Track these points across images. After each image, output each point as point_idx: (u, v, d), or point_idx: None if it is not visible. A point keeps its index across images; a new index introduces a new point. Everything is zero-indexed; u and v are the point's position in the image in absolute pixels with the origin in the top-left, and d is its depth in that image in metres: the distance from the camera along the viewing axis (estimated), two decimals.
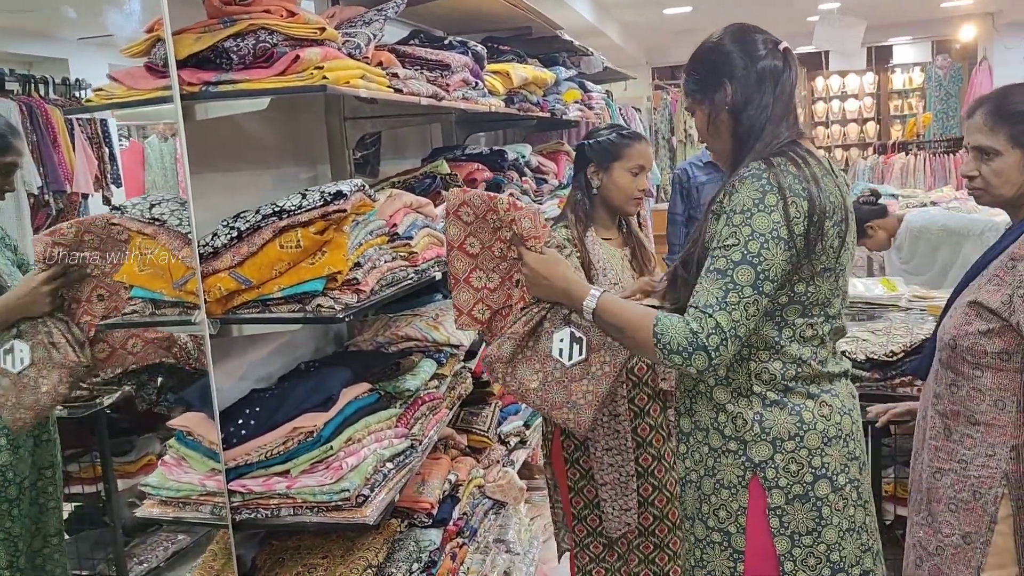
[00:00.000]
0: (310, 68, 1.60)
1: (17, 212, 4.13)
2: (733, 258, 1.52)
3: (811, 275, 1.58)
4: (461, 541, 2.31)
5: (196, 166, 1.69)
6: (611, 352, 1.69)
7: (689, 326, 1.51)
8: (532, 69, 3.17)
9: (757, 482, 1.64)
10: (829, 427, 1.64)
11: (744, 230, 1.52)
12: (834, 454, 1.64)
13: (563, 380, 1.71)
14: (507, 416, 2.91)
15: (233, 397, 1.87)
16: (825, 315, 1.63)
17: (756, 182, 1.54)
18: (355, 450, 1.76)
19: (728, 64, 1.66)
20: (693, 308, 1.53)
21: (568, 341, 1.69)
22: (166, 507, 1.75)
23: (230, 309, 1.68)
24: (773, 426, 1.63)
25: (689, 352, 1.50)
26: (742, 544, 1.66)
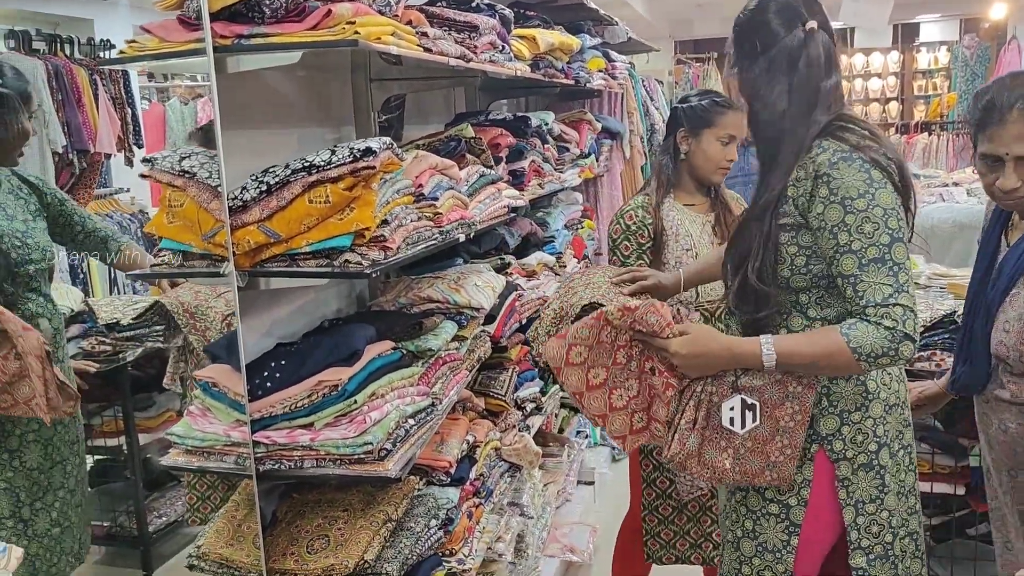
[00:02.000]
0: (342, 23, 1.60)
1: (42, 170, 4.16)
2: (882, 241, 1.51)
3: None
4: (477, 501, 2.34)
5: (225, 122, 1.70)
6: (797, 401, 1.62)
7: (882, 324, 1.49)
8: (558, 35, 3.16)
9: (823, 455, 1.66)
10: (890, 395, 1.68)
11: (875, 212, 1.52)
12: (892, 421, 1.69)
13: (755, 447, 1.66)
14: (524, 382, 2.93)
15: (258, 351, 1.89)
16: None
17: (851, 163, 1.54)
18: (378, 405, 1.78)
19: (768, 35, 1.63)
20: (873, 307, 1.51)
21: (739, 409, 1.64)
22: (191, 456, 1.78)
23: (258, 262, 1.69)
24: (840, 398, 1.65)
25: (895, 348, 1.49)
26: (800, 517, 1.68)
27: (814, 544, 1.70)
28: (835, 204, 1.54)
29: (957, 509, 2.62)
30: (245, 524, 1.88)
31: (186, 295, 2.48)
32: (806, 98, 1.61)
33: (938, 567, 2.70)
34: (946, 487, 2.51)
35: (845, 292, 1.57)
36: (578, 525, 3.46)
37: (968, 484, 2.51)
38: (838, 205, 1.53)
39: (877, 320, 1.50)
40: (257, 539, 1.81)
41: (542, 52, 2.95)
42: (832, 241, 1.55)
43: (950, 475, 2.50)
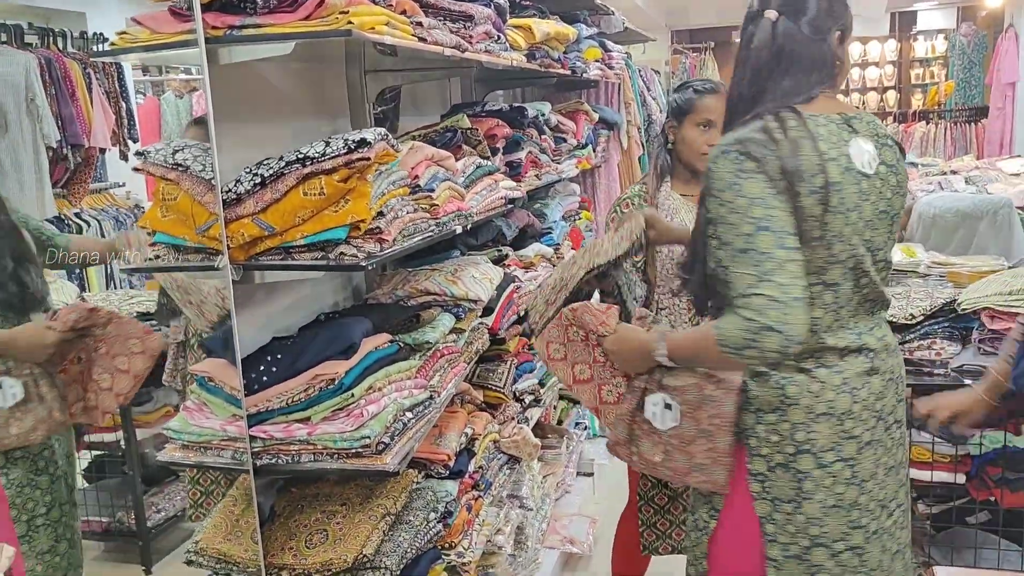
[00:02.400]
0: (335, 13, 1.58)
1: (36, 165, 4.14)
2: (745, 231, 1.47)
3: (804, 241, 1.52)
4: (477, 494, 2.34)
5: (218, 115, 1.69)
6: (714, 404, 1.62)
7: (741, 315, 1.45)
8: (554, 24, 3.14)
9: (740, 448, 1.65)
10: (817, 404, 1.59)
11: (740, 202, 1.49)
12: (822, 431, 1.59)
13: (681, 446, 1.67)
14: (522, 374, 2.92)
15: (254, 345, 1.88)
16: (823, 283, 1.56)
17: (726, 156, 1.53)
18: (376, 399, 1.77)
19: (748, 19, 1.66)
20: (737, 296, 1.46)
21: (660, 407, 1.67)
22: (188, 451, 1.77)
23: (253, 256, 1.68)
24: (755, 398, 1.62)
25: (756, 340, 1.43)
26: (720, 504, 1.70)
27: (728, 530, 1.70)
28: (713, 197, 1.53)
29: (957, 497, 2.62)
30: (243, 519, 1.87)
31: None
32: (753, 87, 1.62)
33: (938, 555, 2.70)
34: (946, 475, 2.51)
35: (719, 283, 1.55)
36: (577, 516, 3.46)
37: (968, 472, 2.50)
38: (715, 198, 1.53)
39: (738, 310, 1.46)
40: (255, 534, 1.80)
41: (538, 42, 2.93)
42: (712, 232, 1.54)
43: (950, 463, 2.50)
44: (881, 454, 1.65)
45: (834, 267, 1.56)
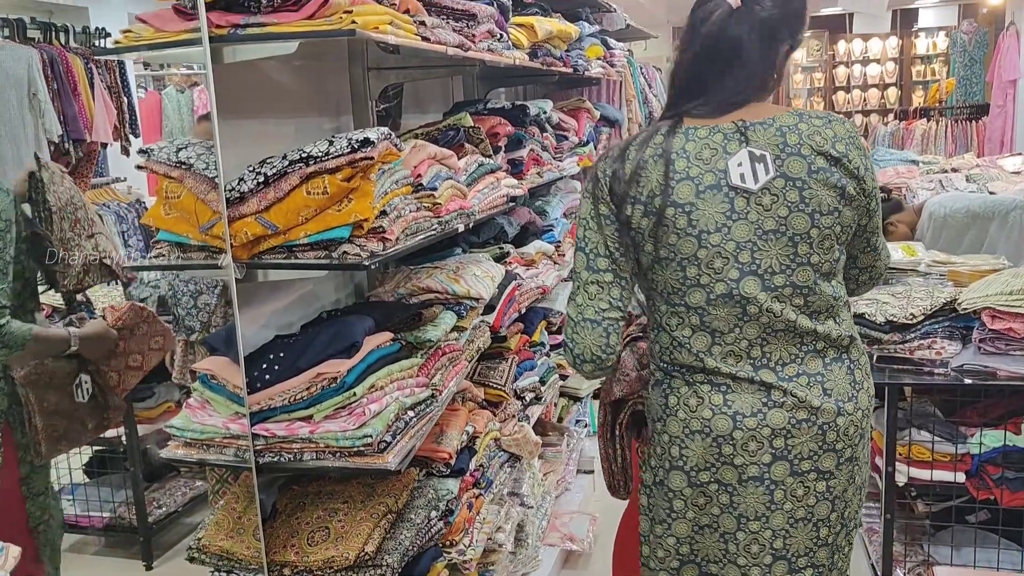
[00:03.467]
0: (339, 12, 1.58)
1: None
2: (574, 249, 1.56)
3: (651, 261, 1.51)
4: (478, 492, 2.34)
5: (222, 112, 1.69)
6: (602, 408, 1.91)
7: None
8: (556, 23, 3.14)
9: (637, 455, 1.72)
10: (692, 419, 1.53)
11: (577, 221, 1.56)
12: (697, 450, 1.53)
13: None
14: (523, 372, 2.92)
15: (256, 343, 1.89)
16: (686, 305, 1.51)
17: (591, 169, 1.58)
18: (378, 397, 1.77)
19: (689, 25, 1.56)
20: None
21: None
22: (190, 449, 1.77)
23: (256, 254, 1.68)
24: (649, 403, 1.65)
25: (564, 352, 1.58)
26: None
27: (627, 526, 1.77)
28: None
29: (956, 496, 2.63)
30: (245, 516, 1.88)
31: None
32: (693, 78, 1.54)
33: (938, 554, 2.71)
34: (946, 474, 2.52)
35: None
36: (578, 514, 3.47)
37: (968, 471, 2.51)
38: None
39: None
40: (257, 531, 1.81)
41: (540, 40, 2.93)
42: None
43: (950, 462, 2.51)
44: (780, 498, 1.53)
45: (694, 290, 1.49)
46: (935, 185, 5.29)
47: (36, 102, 4.17)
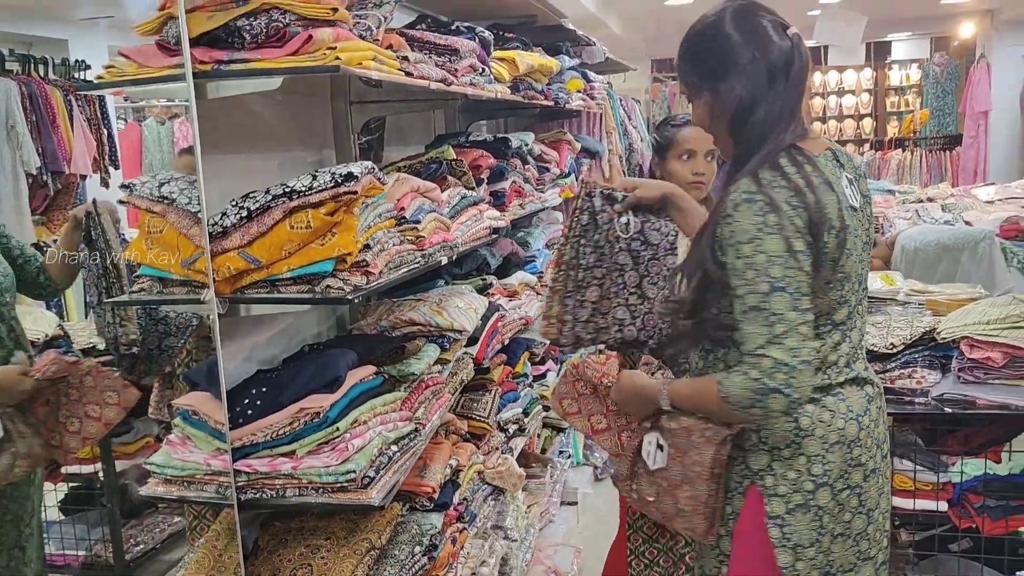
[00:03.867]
0: (322, 48, 1.60)
1: (15, 192, 4.10)
2: (761, 289, 1.44)
3: (818, 286, 1.51)
4: (461, 526, 2.32)
5: (205, 146, 1.69)
6: (697, 452, 1.60)
7: (748, 375, 1.44)
8: (537, 57, 3.17)
9: (755, 490, 1.60)
10: (830, 432, 1.57)
11: (759, 259, 1.45)
12: (837, 461, 1.58)
13: (669, 489, 1.66)
14: (507, 403, 2.92)
15: (238, 377, 1.87)
16: (832, 323, 1.57)
17: (751, 206, 1.46)
18: (361, 432, 1.76)
19: (732, 53, 1.54)
20: (747, 354, 1.45)
21: (654, 446, 1.68)
22: (170, 486, 1.75)
23: (238, 289, 1.68)
24: (770, 434, 1.58)
25: (762, 400, 1.43)
26: (728, 547, 1.65)
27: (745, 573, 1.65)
28: (730, 246, 1.48)
29: (939, 525, 2.63)
30: (226, 554, 1.85)
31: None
32: (786, 112, 1.55)
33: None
34: (928, 503, 2.52)
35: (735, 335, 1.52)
36: (562, 546, 3.44)
37: (950, 500, 2.52)
38: (732, 247, 1.48)
39: (746, 370, 1.45)
40: (239, 569, 1.78)
41: (522, 74, 2.96)
42: (730, 282, 1.50)
43: (932, 491, 2.51)
44: (883, 483, 1.67)
45: (841, 307, 1.57)
46: (911, 215, 5.36)
47: (14, 134, 4.14)
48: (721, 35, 1.56)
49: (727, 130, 1.60)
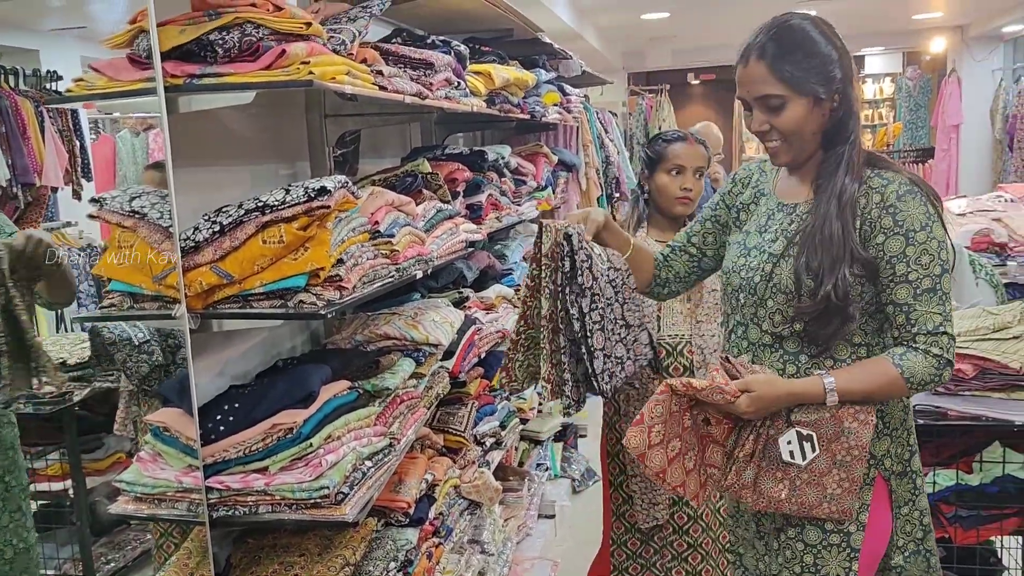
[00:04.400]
0: (296, 63, 1.59)
1: None
2: (935, 272, 1.58)
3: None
4: (437, 541, 2.31)
5: (177, 159, 1.67)
6: (853, 436, 1.62)
7: (931, 352, 1.58)
8: (513, 70, 3.18)
9: (880, 477, 1.69)
10: (909, 402, 1.74)
11: (932, 244, 1.58)
12: (912, 426, 1.75)
13: (812, 479, 1.65)
14: (483, 417, 2.91)
15: (211, 393, 1.85)
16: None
17: (915, 196, 1.59)
18: (334, 447, 1.75)
19: (842, 57, 1.64)
20: (924, 335, 1.59)
21: (796, 442, 1.64)
22: (141, 504, 1.72)
23: (211, 304, 1.66)
24: (892, 418, 1.70)
25: (941, 374, 1.59)
26: (860, 541, 1.68)
27: (872, 562, 1.71)
28: (898, 235, 1.59)
29: None
30: (198, 572, 1.83)
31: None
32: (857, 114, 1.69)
33: None
34: None
35: (896, 320, 1.62)
36: (539, 560, 3.43)
37: None
38: (901, 236, 1.59)
39: (926, 348, 1.58)
40: None
41: (497, 87, 2.97)
42: (889, 270, 1.60)
43: None
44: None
45: None
46: None
47: None
48: (829, 47, 1.64)
49: (817, 132, 1.67)
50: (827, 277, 1.60)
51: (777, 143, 1.68)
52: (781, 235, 1.71)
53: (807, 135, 1.66)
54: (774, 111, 1.65)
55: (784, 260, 1.67)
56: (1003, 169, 8.58)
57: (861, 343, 1.68)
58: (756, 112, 1.68)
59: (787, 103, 1.63)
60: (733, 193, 1.90)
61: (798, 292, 1.64)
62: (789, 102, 1.63)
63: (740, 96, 1.71)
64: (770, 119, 1.66)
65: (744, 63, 1.66)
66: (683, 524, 2.56)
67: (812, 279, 1.61)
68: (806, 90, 1.62)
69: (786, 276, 1.65)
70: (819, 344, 1.66)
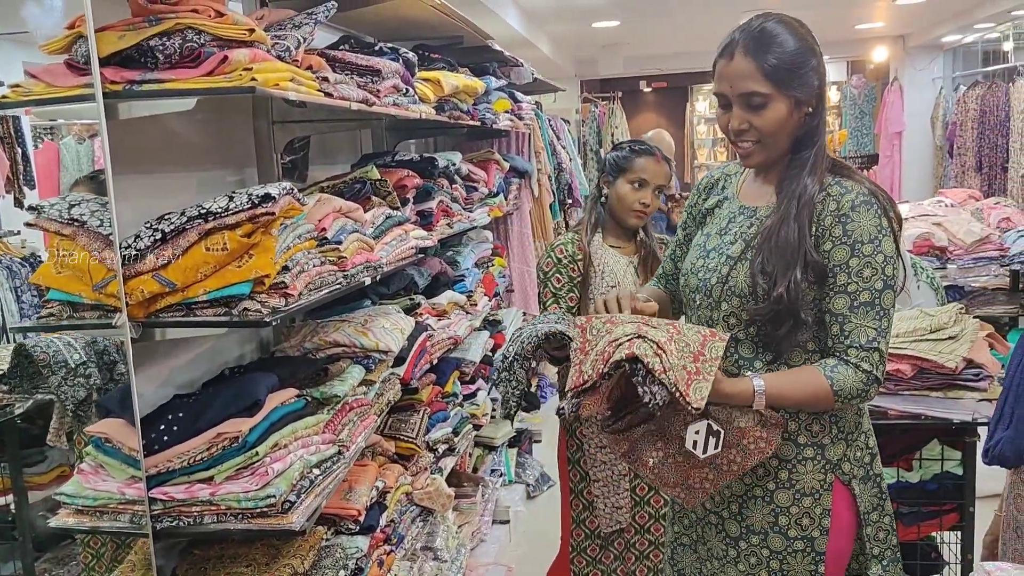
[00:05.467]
0: (238, 69, 1.58)
1: None
2: (876, 287, 1.56)
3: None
4: (388, 548, 2.30)
5: (119, 166, 1.65)
6: (744, 454, 1.60)
7: (860, 367, 1.57)
8: (463, 77, 3.20)
9: (839, 482, 1.67)
10: (863, 405, 1.72)
11: (878, 258, 1.56)
12: (870, 429, 1.75)
13: (683, 464, 1.63)
14: (436, 423, 2.91)
15: (155, 403, 1.83)
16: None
17: (870, 208, 1.57)
18: (281, 456, 1.74)
19: (820, 63, 1.64)
20: (855, 348, 1.57)
21: (704, 434, 1.61)
22: (82, 516, 1.69)
23: (153, 312, 1.64)
24: (845, 422, 1.68)
25: (867, 391, 1.58)
26: (824, 545, 1.68)
27: (839, 565, 1.71)
28: (845, 245, 1.57)
29: None
30: None
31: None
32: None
33: None
34: None
35: (831, 329, 1.60)
36: (493, 565, 3.44)
37: None
38: (847, 247, 1.57)
39: (857, 363, 1.57)
40: None
41: (447, 95, 2.98)
42: (832, 279, 1.59)
43: None
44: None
45: None
46: None
47: None
48: (812, 51, 1.64)
49: (791, 135, 1.65)
50: (780, 279, 1.58)
51: (750, 144, 1.65)
52: (740, 238, 1.70)
53: (782, 137, 1.64)
54: (755, 109, 1.61)
55: (741, 263, 1.66)
56: (944, 175, 8.83)
57: (815, 350, 1.66)
58: (736, 110, 1.63)
59: (769, 102, 1.60)
60: (697, 203, 1.89)
61: (753, 295, 1.63)
62: (771, 101, 1.60)
63: (720, 92, 1.65)
64: (750, 117, 1.62)
65: (728, 58, 1.61)
66: (645, 523, 2.58)
67: (766, 281, 1.60)
68: (789, 91, 1.59)
69: (742, 279, 1.65)
70: (773, 349, 1.65)
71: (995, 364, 2.47)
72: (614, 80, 11.17)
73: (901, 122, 9.67)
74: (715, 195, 1.85)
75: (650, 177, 2.56)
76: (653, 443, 1.65)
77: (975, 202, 5.60)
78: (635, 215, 2.58)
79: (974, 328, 2.57)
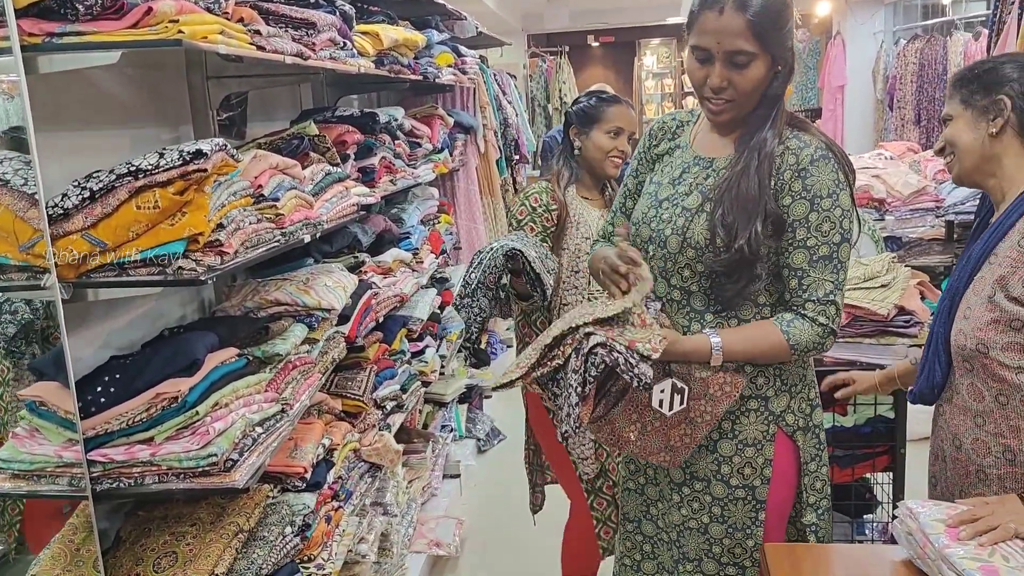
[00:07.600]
0: (164, 21, 1.54)
1: None
2: (833, 240, 1.59)
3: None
4: (336, 504, 2.32)
5: (42, 123, 1.60)
6: (712, 402, 1.65)
7: (817, 321, 1.60)
8: (402, 31, 3.14)
9: (782, 433, 1.72)
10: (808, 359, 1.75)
11: (835, 212, 1.58)
12: (813, 381, 1.80)
13: (662, 428, 1.68)
14: (383, 381, 2.91)
15: (93, 365, 1.80)
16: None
17: (828, 162, 1.59)
18: (223, 415, 1.73)
19: (790, 22, 1.61)
20: (813, 302, 1.60)
21: (669, 392, 1.64)
22: (19, 480, 1.67)
23: (84, 273, 1.61)
24: (789, 375, 1.71)
25: (823, 343, 1.62)
26: (765, 494, 1.72)
27: (780, 513, 1.77)
28: (804, 200, 1.59)
29: None
30: (83, 548, 1.79)
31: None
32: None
33: None
34: None
35: (789, 283, 1.64)
36: (444, 519, 3.48)
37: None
38: (807, 201, 1.59)
39: (813, 316, 1.60)
40: (97, 562, 1.73)
41: (386, 48, 2.93)
42: (790, 234, 1.61)
43: None
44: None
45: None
46: None
47: None
48: (791, 10, 1.62)
49: (760, 94, 1.63)
50: (740, 232, 1.58)
51: (723, 102, 1.62)
52: (695, 189, 1.69)
53: (755, 96, 1.62)
54: (739, 68, 1.58)
55: (699, 215, 1.65)
56: (884, 128, 8.98)
57: (766, 303, 1.69)
58: (719, 67, 1.58)
59: (752, 62, 1.57)
60: (649, 147, 1.86)
61: (711, 247, 1.62)
62: (754, 61, 1.57)
63: (702, 45, 1.59)
64: (731, 75, 1.58)
65: (718, 12, 1.55)
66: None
67: (726, 233, 1.60)
68: (770, 50, 1.58)
69: (700, 231, 1.64)
70: (724, 302, 1.67)
71: (925, 311, 2.56)
72: (561, 34, 11.08)
73: (843, 76, 9.77)
74: (666, 141, 1.84)
75: (625, 124, 2.60)
76: (629, 418, 1.71)
77: (913, 155, 5.71)
78: (613, 162, 2.61)
79: (905, 276, 2.65)
